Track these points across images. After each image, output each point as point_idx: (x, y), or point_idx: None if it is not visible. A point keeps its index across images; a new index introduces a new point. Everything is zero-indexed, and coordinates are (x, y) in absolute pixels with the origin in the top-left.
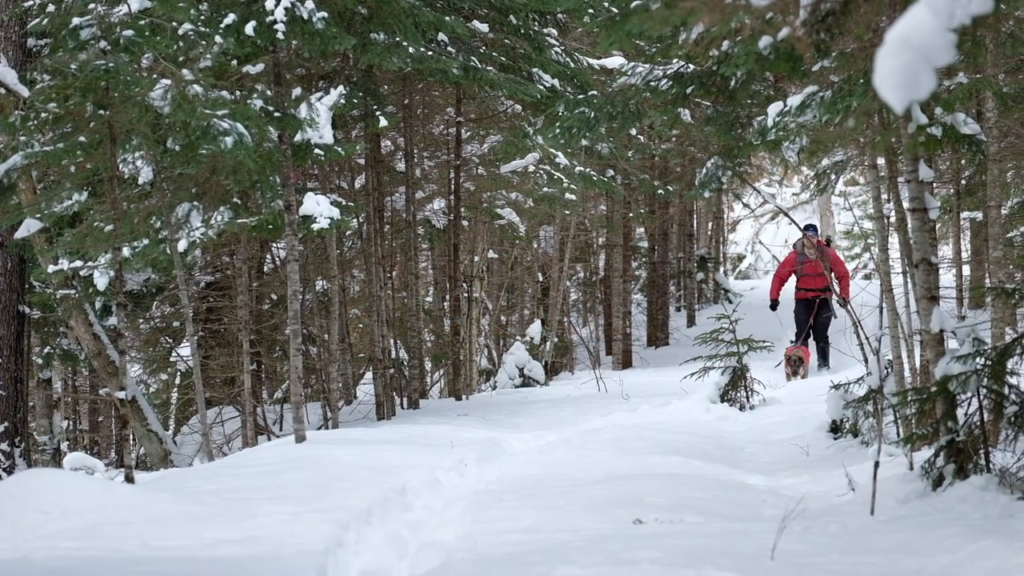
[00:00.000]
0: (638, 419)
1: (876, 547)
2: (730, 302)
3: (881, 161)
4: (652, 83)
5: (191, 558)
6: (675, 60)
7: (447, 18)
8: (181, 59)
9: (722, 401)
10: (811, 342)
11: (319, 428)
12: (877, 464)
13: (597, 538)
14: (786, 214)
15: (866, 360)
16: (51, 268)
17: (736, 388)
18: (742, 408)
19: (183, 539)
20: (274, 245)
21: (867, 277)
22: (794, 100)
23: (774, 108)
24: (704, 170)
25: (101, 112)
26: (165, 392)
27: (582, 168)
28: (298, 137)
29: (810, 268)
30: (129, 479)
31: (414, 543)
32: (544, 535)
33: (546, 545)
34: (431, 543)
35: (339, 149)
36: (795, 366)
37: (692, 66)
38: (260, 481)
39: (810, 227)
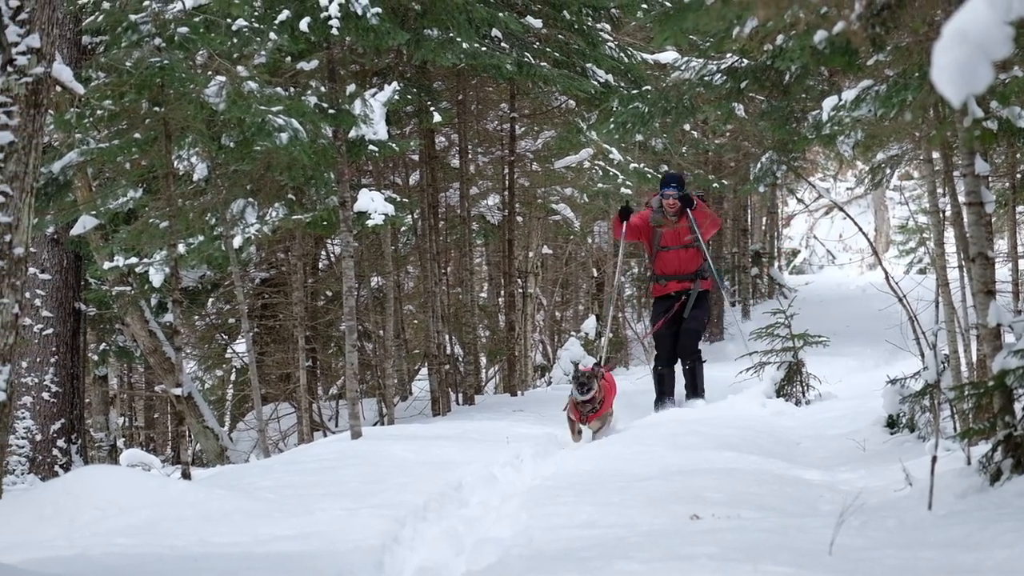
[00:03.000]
0: (693, 414)
1: (933, 542)
2: (785, 297)
3: (936, 155)
4: (706, 78)
5: (248, 554)
6: (729, 55)
7: (500, 14)
8: (236, 55)
9: (778, 396)
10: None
11: (375, 424)
12: (934, 459)
13: (653, 533)
14: (841, 208)
15: (922, 355)
16: (107, 265)
17: (792, 383)
18: (798, 403)
19: (240, 535)
20: (329, 241)
21: (922, 271)
22: (849, 94)
23: (829, 102)
24: (759, 165)
25: (156, 109)
26: (220, 388)
27: (636, 163)
28: (352, 133)
29: (671, 237)
30: (186, 475)
31: (470, 539)
32: (600, 530)
33: (602, 540)
34: (487, 539)
35: (393, 145)
36: (587, 381)
37: (746, 61)
38: (316, 477)
39: (671, 179)
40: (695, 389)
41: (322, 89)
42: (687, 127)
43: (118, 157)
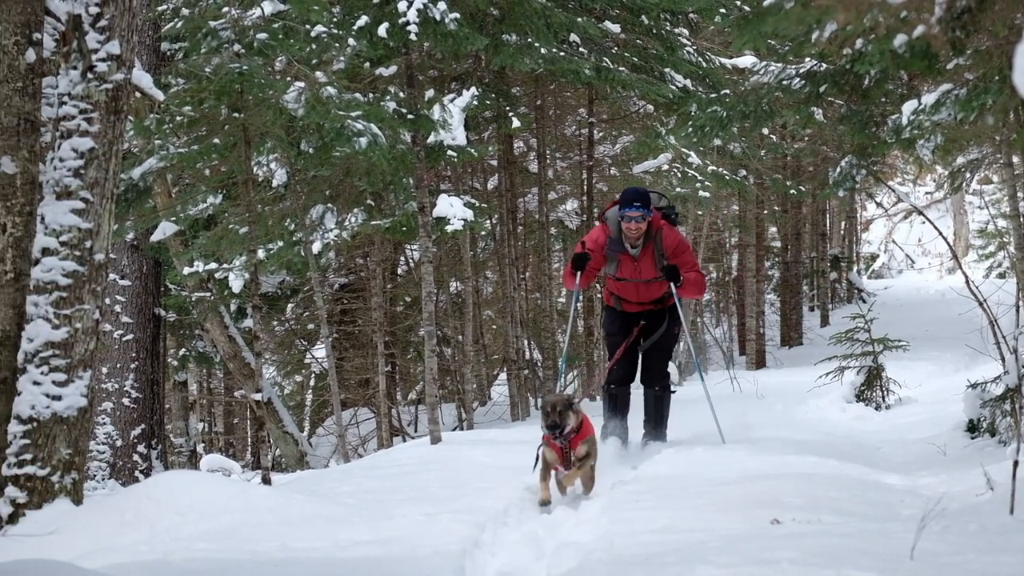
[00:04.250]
0: (773, 419)
1: (1015, 546)
2: (864, 301)
3: (1017, 159)
4: (785, 82)
5: (329, 559)
6: (808, 59)
7: (579, 19)
8: (315, 61)
9: (857, 401)
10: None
11: (454, 429)
12: (1016, 463)
13: (734, 538)
14: (920, 212)
15: (1003, 359)
16: (186, 270)
17: (871, 388)
18: (878, 408)
19: (320, 540)
20: (407, 247)
21: (1002, 276)
22: (929, 98)
23: (908, 106)
24: (838, 169)
25: (236, 115)
26: (300, 394)
27: (715, 167)
28: (431, 139)
29: (629, 270)
30: (266, 480)
31: (551, 543)
32: (680, 535)
33: (683, 545)
34: (568, 543)
35: (472, 150)
36: (557, 418)
37: (825, 65)
38: (396, 482)
39: (634, 196)
40: (658, 425)
41: (401, 94)
42: (765, 131)
43: (197, 163)
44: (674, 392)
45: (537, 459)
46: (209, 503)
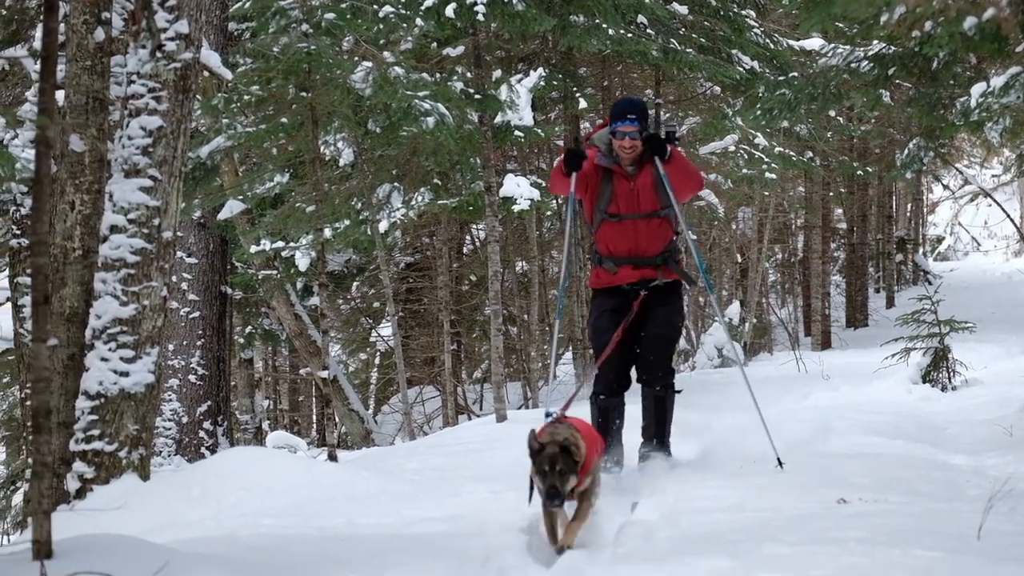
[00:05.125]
0: (839, 399)
1: None
2: (930, 283)
3: None
4: (853, 64)
5: (396, 535)
6: (876, 41)
7: (647, 0)
8: (382, 41)
9: (924, 382)
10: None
11: (519, 408)
12: None
13: (801, 517)
14: (988, 195)
15: None
16: (253, 249)
17: (938, 369)
18: (944, 389)
19: (387, 516)
20: (473, 226)
21: None
22: (997, 81)
23: (977, 89)
24: (905, 152)
25: (303, 94)
26: (365, 372)
27: (781, 149)
28: (498, 119)
29: (625, 200)
30: (332, 458)
31: (617, 521)
32: (747, 514)
33: (749, 524)
34: (634, 521)
35: (539, 131)
36: (557, 481)
37: (894, 47)
38: (461, 460)
39: (627, 107)
40: (660, 431)
41: (468, 75)
42: (832, 113)
43: (265, 142)
44: (679, 392)
45: (531, 490)
46: (275, 479)
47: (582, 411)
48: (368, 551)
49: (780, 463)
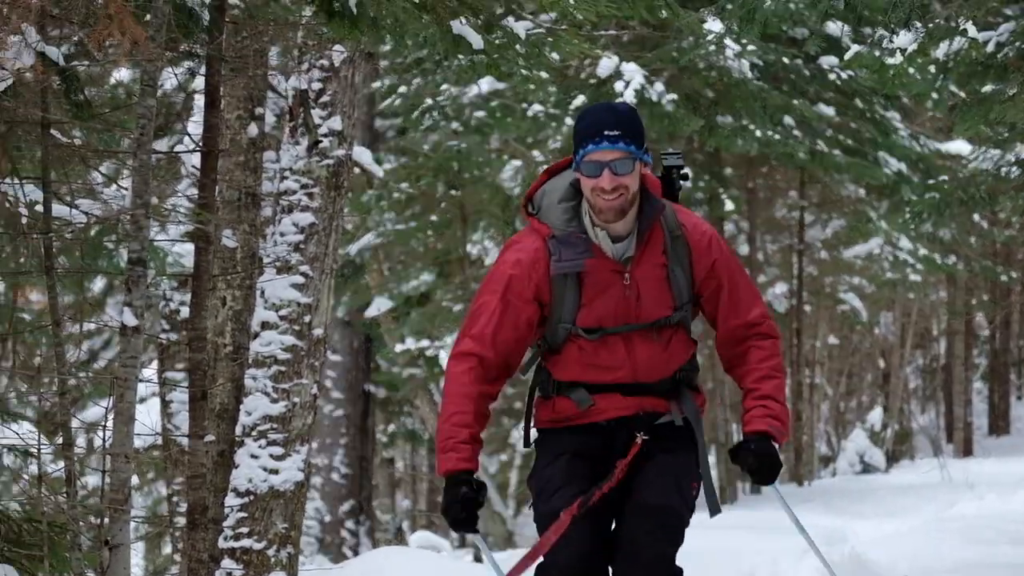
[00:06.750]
0: (985, 508)
1: None
2: None
3: None
4: (1003, 169)
5: None
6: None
7: (795, 101)
8: (531, 140)
9: None
10: None
11: None
12: None
13: None
14: None
15: None
16: (398, 347)
17: None
18: None
19: None
20: None
21: None
22: None
23: None
24: None
25: (452, 192)
26: (504, 473)
27: (926, 251)
28: None
29: (616, 307)
30: (477, 559)
31: None
32: None
33: None
34: None
35: None
36: None
37: None
38: None
39: (611, 123)
40: None
41: None
42: (976, 217)
43: (412, 240)
44: None
45: None
46: None
47: None
48: None
49: None
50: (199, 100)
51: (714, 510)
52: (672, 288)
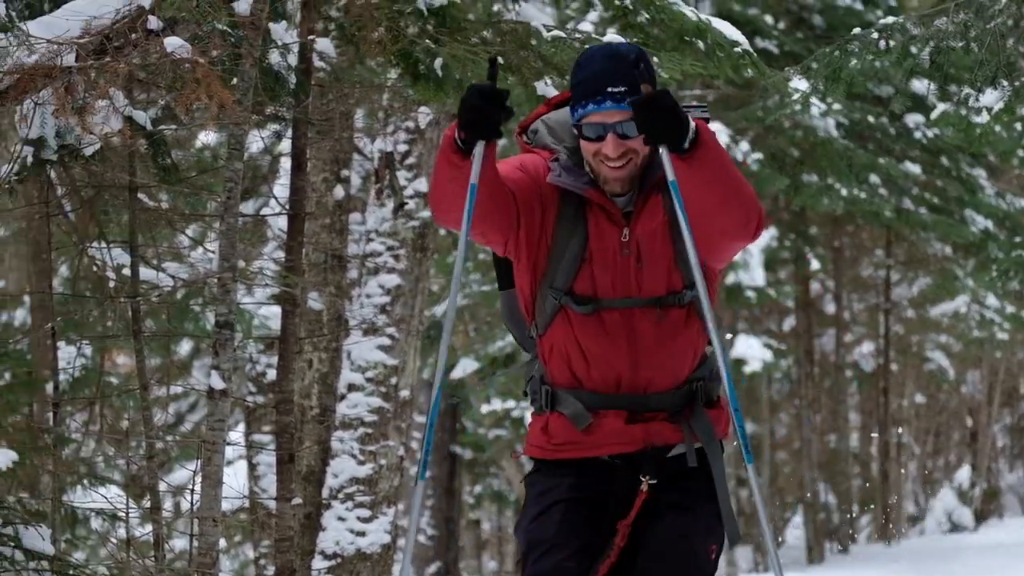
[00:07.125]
0: None
1: None
2: None
3: None
4: None
5: None
6: None
7: (881, 159)
8: None
9: None
10: None
11: (749, 572)
12: None
13: None
14: None
15: None
16: (484, 408)
17: None
18: None
19: None
20: None
21: None
22: None
23: None
24: None
25: None
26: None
27: (1013, 309)
28: (730, 278)
29: (615, 275)
30: None
31: None
32: None
33: None
34: None
35: (771, 292)
36: None
37: None
38: None
39: (614, 78)
40: None
41: None
42: None
43: (497, 301)
44: None
45: None
46: None
47: None
48: None
49: None
50: (285, 163)
51: (734, 539)
52: (676, 250)
